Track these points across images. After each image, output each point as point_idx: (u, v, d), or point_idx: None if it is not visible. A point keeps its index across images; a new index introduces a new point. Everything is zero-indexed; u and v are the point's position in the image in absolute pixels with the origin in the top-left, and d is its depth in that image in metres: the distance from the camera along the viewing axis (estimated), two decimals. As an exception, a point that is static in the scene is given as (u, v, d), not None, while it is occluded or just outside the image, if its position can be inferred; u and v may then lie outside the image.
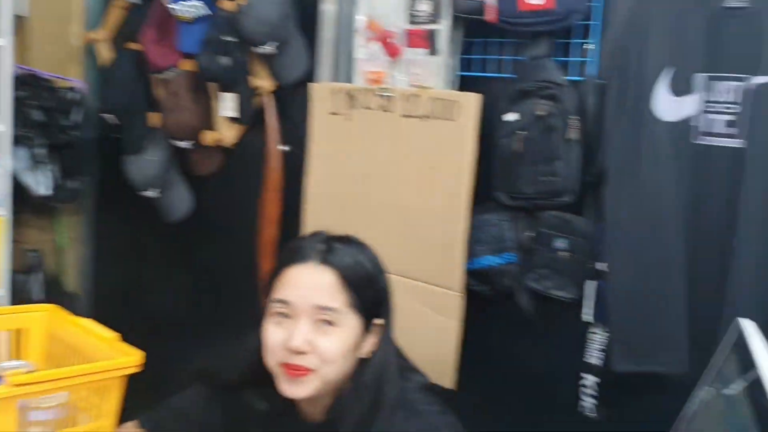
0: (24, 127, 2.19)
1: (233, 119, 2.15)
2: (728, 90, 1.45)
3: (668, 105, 1.50)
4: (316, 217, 1.97)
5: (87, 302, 2.66)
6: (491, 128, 1.70)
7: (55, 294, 2.40)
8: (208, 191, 2.36)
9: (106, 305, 2.65)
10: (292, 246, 1.18)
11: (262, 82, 2.10)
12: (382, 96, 1.81)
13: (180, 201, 2.34)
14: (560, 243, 1.64)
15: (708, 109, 1.48)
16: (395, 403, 1.10)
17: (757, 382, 0.81)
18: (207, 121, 2.20)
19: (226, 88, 2.12)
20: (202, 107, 2.19)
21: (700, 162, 1.49)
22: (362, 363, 1.14)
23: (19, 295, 2.28)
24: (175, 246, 2.48)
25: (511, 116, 1.65)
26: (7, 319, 1.11)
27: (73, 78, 2.44)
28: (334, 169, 1.92)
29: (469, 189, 1.67)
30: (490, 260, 1.75)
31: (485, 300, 1.78)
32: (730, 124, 1.45)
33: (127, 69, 2.27)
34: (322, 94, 1.93)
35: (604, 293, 1.59)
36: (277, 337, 1.09)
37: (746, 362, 0.87)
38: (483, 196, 1.72)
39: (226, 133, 2.20)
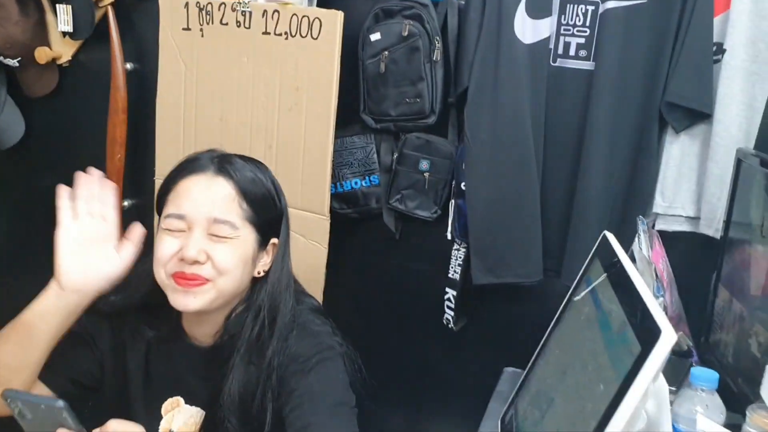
0: None
1: (69, 34, 1.93)
2: (580, 13, 1.52)
3: (526, 27, 1.55)
4: (168, 140, 1.85)
5: None
6: (354, 47, 1.67)
7: None
8: (42, 114, 2.13)
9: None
10: (186, 159, 1.11)
11: (102, -8, 1.90)
12: (239, 11, 1.71)
13: (10, 126, 2.10)
14: (423, 164, 1.68)
15: (562, 32, 1.55)
16: (289, 324, 1.09)
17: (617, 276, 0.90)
18: (39, 36, 1.97)
19: (61, -1, 1.90)
20: (32, 20, 1.95)
21: (555, 83, 1.56)
22: (256, 282, 1.11)
23: None
24: (5, 176, 2.24)
25: (376, 36, 1.63)
26: None
27: None
28: (188, 89, 1.80)
29: (334, 111, 1.64)
30: (357, 183, 1.75)
31: (352, 222, 1.80)
32: (581, 46, 1.53)
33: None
34: (171, 6, 1.79)
35: (464, 211, 1.65)
36: (170, 248, 1.03)
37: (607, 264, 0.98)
38: (348, 118, 1.71)
39: (62, 50, 1.99)
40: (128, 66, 1.95)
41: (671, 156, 1.51)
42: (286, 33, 1.66)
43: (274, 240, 1.13)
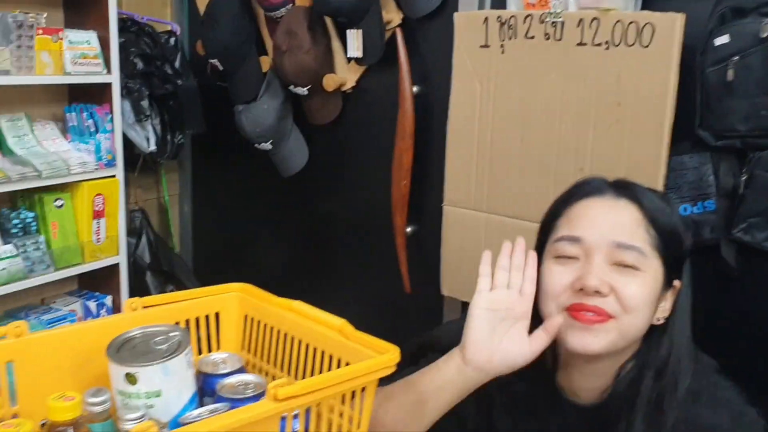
0: (127, 77, 2.00)
1: (357, 59, 1.91)
2: None
3: None
4: (460, 165, 1.75)
5: (191, 265, 2.51)
6: (685, 54, 1.44)
7: (162, 257, 2.26)
8: (326, 142, 2.15)
9: (209, 269, 2.50)
10: (576, 184, 1.00)
11: (390, 14, 1.86)
12: (549, 22, 1.56)
13: (296, 154, 2.14)
14: (780, 187, 1.40)
15: None
16: (691, 388, 0.91)
17: None
18: (326, 63, 1.98)
19: (349, 24, 1.88)
20: (322, 47, 1.97)
21: None
22: (651, 332, 0.94)
23: (130, 261, 2.14)
24: (289, 203, 2.29)
25: (721, 39, 1.39)
26: (197, 304, 0.94)
27: (167, 20, 2.23)
28: (483, 111, 1.69)
29: (669, 129, 1.43)
30: (687, 209, 1.52)
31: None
32: None
33: (231, 6, 2.04)
34: (468, 24, 1.68)
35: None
36: (563, 278, 0.91)
37: None
38: (676, 135, 1.48)
39: (347, 76, 1.98)
40: (414, 89, 1.89)
41: None
42: (607, 42, 1.48)
43: (677, 282, 0.94)
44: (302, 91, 1.99)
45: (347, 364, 0.79)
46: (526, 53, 1.60)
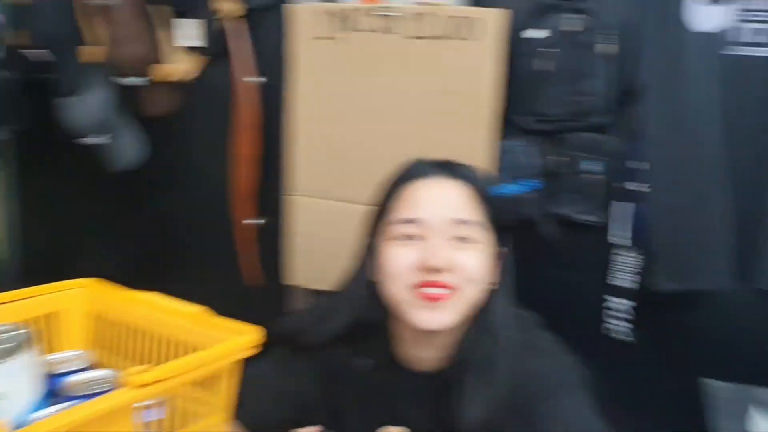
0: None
1: (193, 49, 1.88)
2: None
3: (702, 15, 1.44)
4: (305, 156, 1.78)
5: (17, 269, 2.33)
6: (510, 46, 1.58)
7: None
8: (163, 134, 2.08)
9: (39, 272, 2.33)
10: (405, 166, 1.03)
11: (228, 4, 1.84)
12: (383, 15, 1.63)
13: (128, 147, 2.05)
14: (590, 165, 1.57)
15: (743, 18, 1.43)
16: (519, 340, 0.99)
17: None
18: (159, 52, 1.92)
19: (183, 14, 1.84)
20: (153, 37, 1.91)
21: (734, 72, 1.45)
22: (486, 295, 1.00)
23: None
24: (125, 199, 2.19)
25: (536, 33, 1.53)
26: (39, 302, 0.89)
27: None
28: (325, 102, 1.73)
29: (493, 116, 1.55)
30: (510, 189, 1.66)
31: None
32: (759, 32, 1.42)
33: (55, -5, 1.91)
34: (305, 16, 1.72)
35: (640, 215, 1.55)
36: (407, 258, 0.93)
37: None
38: (504, 121, 1.61)
39: (185, 66, 1.93)
40: (255, 80, 1.89)
41: None
42: (438, 35, 1.58)
43: (504, 249, 1.03)
44: (138, 81, 1.92)
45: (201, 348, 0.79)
46: (363, 45, 1.66)
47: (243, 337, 0.77)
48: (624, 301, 1.61)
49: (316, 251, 1.81)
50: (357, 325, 1.03)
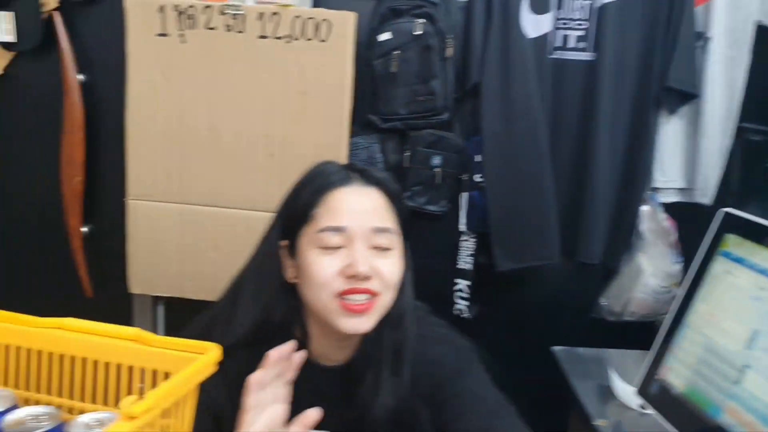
0: None
1: (10, 45, 1.69)
2: (578, 8, 1.63)
3: (530, 22, 1.62)
4: (144, 157, 1.69)
5: None
6: (359, 48, 1.64)
7: None
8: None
9: None
10: (320, 173, 1.02)
11: (45, -5, 1.68)
12: (229, 15, 1.60)
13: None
14: (435, 160, 1.70)
15: (561, 26, 1.64)
16: (417, 331, 1.06)
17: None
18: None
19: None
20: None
21: (556, 74, 1.66)
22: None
23: None
24: None
25: (381, 36, 1.61)
26: None
27: None
28: (167, 101, 1.66)
29: (348, 114, 1.61)
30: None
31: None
32: (581, 39, 1.64)
33: None
34: (142, 11, 1.62)
35: (476, 203, 1.70)
36: (332, 266, 0.95)
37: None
38: (353, 118, 1.67)
39: (-7, 62, 1.73)
40: (79, 78, 1.75)
41: (666, 135, 1.67)
42: (288, 36, 1.59)
43: (406, 247, 1.09)
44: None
45: (156, 371, 0.75)
46: (208, 44, 1.62)
47: (208, 356, 0.74)
48: (462, 281, 1.76)
49: (158, 256, 1.74)
50: (264, 327, 1.03)
